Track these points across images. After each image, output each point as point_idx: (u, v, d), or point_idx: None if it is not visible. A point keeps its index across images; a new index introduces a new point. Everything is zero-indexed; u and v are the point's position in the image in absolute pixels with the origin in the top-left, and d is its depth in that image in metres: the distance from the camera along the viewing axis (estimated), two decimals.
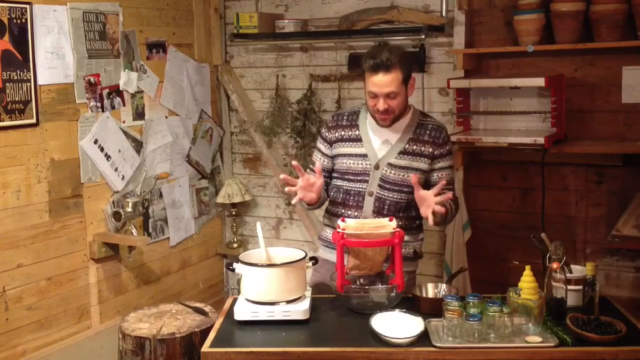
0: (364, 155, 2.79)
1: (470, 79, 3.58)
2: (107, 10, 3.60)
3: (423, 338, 2.27)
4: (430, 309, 2.45)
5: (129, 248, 3.72)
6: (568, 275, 2.46)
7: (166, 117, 4.06)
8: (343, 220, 2.59)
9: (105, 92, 3.62)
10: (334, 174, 2.89)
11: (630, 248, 3.40)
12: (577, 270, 2.56)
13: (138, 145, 3.84)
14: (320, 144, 2.94)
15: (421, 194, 2.61)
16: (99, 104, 3.58)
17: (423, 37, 3.78)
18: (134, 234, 3.72)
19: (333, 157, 2.88)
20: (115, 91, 3.69)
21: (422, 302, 2.53)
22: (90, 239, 3.58)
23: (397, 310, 2.44)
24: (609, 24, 3.31)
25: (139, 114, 3.86)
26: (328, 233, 2.91)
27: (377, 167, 2.78)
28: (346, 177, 2.83)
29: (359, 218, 2.77)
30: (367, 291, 2.55)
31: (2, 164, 3.13)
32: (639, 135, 3.45)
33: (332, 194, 2.91)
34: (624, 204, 3.34)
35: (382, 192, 2.78)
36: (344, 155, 2.83)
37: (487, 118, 3.69)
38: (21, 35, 3.15)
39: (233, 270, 2.55)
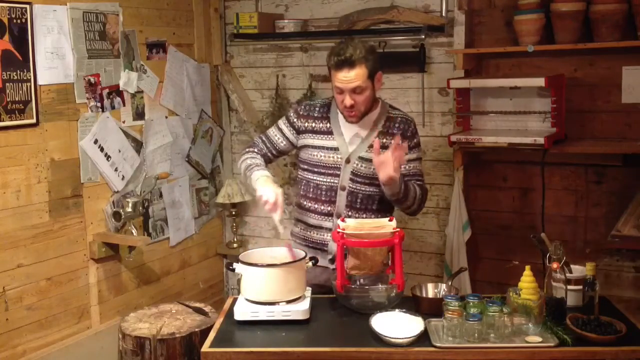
0: (335, 149, 2.80)
1: (470, 79, 3.58)
2: (107, 10, 3.60)
3: (423, 338, 2.27)
4: (430, 309, 2.45)
5: (129, 248, 3.72)
6: (568, 275, 2.46)
7: (166, 117, 4.06)
8: (343, 220, 2.59)
9: (105, 92, 3.62)
10: (302, 166, 2.90)
11: (630, 248, 3.39)
12: (577, 270, 2.56)
13: (138, 145, 3.84)
14: (284, 126, 2.92)
15: (380, 157, 2.60)
16: (99, 104, 3.58)
17: (423, 37, 3.78)
18: (134, 234, 3.72)
19: (297, 146, 2.89)
20: (115, 91, 3.69)
21: (422, 302, 2.53)
22: (90, 239, 3.58)
23: (397, 310, 2.44)
24: (609, 24, 3.31)
25: (139, 114, 3.86)
26: (299, 229, 2.93)
27: (348, 160, 2.79)
28: (316, 170, 2.84)
29: (331, 213, 2.80)
30: (367, 291, 2.55)
31: (2, 164, 3.13)
32: (639, 135, 3.45)
33: (301, 187, 2.91)
34: (624, 204, 3.34)
35: (354, 186, 2.79)
36: (315, 147, 2.84)
37: (487, 118, 3.69)
38: (21, 35, 3.15)
39: (233, 270, 2.55)
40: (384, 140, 2.77)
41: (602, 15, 3.31)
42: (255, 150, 2.96)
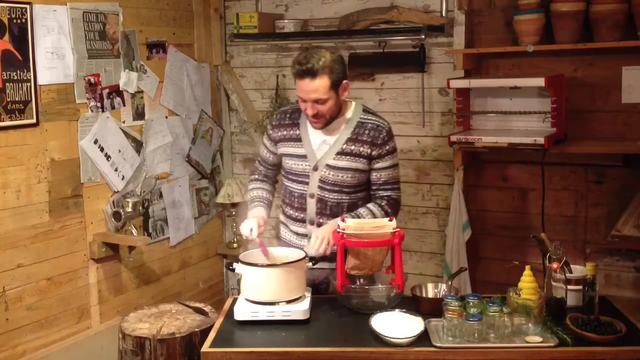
0: (304, 156, 2.77)
1: (470, 79, 3.58)
2: (107, 10, 3.60)
3: (423, 338, 2.27)
4: (430, 309, 2.45)
5: (129, 248, 3.72)
6: (568, 275, 2.46)
7: (166, 117, 4.06)
8: (343, 220, 2.59)
9: (105, 92, 3.62)
10: (282, 172, 2.91)
11: (630, 248, 3.40)
12: (577, 270, 2.56)
13: (138, 145, 3.84)
14: (266, 140, 2.93)
15: (317, 232, 2.65)
16: (99, 104, 3.58)
17: (423, 37, 3.78)
18: (134, 234, 3.72)
19: (279, 155, 2.89)
20: (115, 91, 3.69)
21: (422, 302, 2.53)
22: (90, 239, 3.58)
23: (397, 310, 2.44)
24: (609, 24, 3.31)
25: (139, 114, 3.86)
26: (284, 233, 2.93)
27: (315, 168, 2.75)
28: (290, 177, 2.84)
29: (304, 220, 2.79)
30: (367, 291, 2.55)
31: (2, 164, 3.13)
32: (639, 135, 3.45)
33: (282, 193, 2.93)
34: (624, 204, 3.34)
35: (322, 194, 2.76)
36: (286, 155, 2.83)
37: (487, 118, 3.69)
38: (21, 35, 3.15)
39: (233, 270, 2.55)
40: (353, 147, 2.73)
41: (602, 15, 3.31)
42: (257, 175, 3.00)
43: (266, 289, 2.48)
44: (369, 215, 2.71)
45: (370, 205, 2.76)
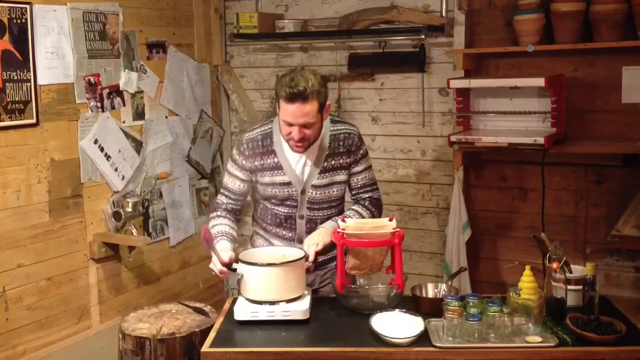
0: (288, 183, 2.71)
1: (470, 79, 3.58)
2: (107, 10, 3.60)
3: (423, 338, 2.27)
4: (430, 309, 2.45)
5: (129, 248, 3.72)
6: (568, 275, 2.46)
7: (166, 117, 4.06)
8: (343, 220, 2.59)
9: (105, 92, 3.62)
10: (258, 195, 2.81)
11: (630, 248, 3.40)
12: (577, 270, 2.56)
13: (138, 145, 3.84)
14: (237, 171, 2.77)
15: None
16: (99, 104, 3.58)
17: (423, 37, 3.78)
18: (134, 234, 3.72)
19: (253, 181, 2.78)
20: (115, 91, 3.69)
21: (422, 302, 2.53)
22: (90, 239, 3.58)
23: (397, 310, 2.44)
24: (609, 24, 3.31)
25: (139, 114, 3.86)
26: (260, 242, 2.89)
27: (303, 191, 2.73)
28: (273, 201, 2.77)
29: (293, 239, 2.78)
30: (367, 291, 2.55)
31: (2, 164, 3.13)
32: (639, 135, 3.45)
33: (259, 212, 2.85)
34: (624, 204, 3.34)
35: (311, 214, 2.76)
36: (267, 184, 2.73)
37: (487, 118, 3.69)
38: (21, 35, 3.15)
39: (234, 270, 2.55)
40: (333, 162, 2.72)
41: (602, 15, 3.31)
42: (219, 212, 2.83)
43: (266, 288, 2.47)
44: (357, 217, 2.74)
45: (356, 207, 2.81)
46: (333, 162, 2.73)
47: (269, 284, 2.47)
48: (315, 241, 2.64)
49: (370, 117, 4.10)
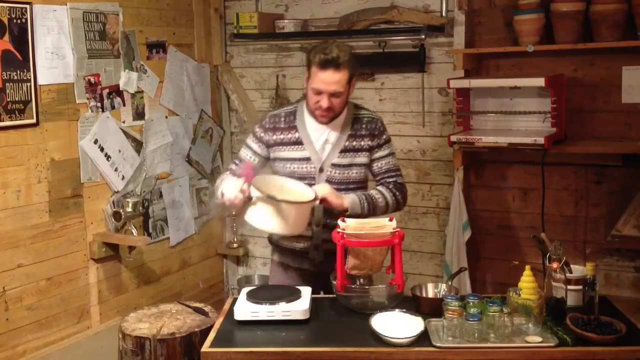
0: (307, 159, 2.75)
1: (470, 79, 3.58)
2: (107, 10, 3.60)
3: (423, 338, 2.27)
4: (430, 309, 2.45)
5: (129, 248, 3.72)
6: (568, 275, 2.46)
7: (166, 117, 4.06)
8: (343, 220, 2.59)
9: (105, 92, 3.62)
10: (277, 173, 2.83)
11: (630, 248, 3.40)
12: (577, 270, 2.56)
13: (138, 145, 3.84)
14: (253, 143, 2.85)
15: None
16: (99, 104, 3.58)
17: (423, 37, 3.78)
18: (134, 234, 3.72)
19: (269, 159, 2.83)
20: (115, 91, 3.69)
21: (422, 302, 2.53)
22: (90, 239, 3.58)
23: (397, 310, 2.44)
24: (609, 24, 3.31)
25: (139, 114, 3.86)
26: (278, 237, 2.89)
27: (321, 169, 2.75)
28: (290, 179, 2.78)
29: (309, 222, 2.75)
30: (367, 291, 2.55)
31: (2, 164, 3.13)
32: (639, 135, 3.45)
33: None
34: (624, 204, 3.34)
35: None
36: (286, 159, 2.77)
37: (487, 118, 3.69)
38: (21, 35, 3.15)
39: (250, 199, 2.53)
40: (354, 143, 2.75)
41: (602, 15, 3.31)
42: (228, 173, 2.85)
43: (268, 220, 2.52)
44: (379, 196, 2.75)
45: (380, 187, 2.81)
46: (354, 143, 2.76)
47: (271, 216, 2.51)
48: (330, 190, 2.63)
49: None
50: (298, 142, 2.76)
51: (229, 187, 2.59)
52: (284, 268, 2.92)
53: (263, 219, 2.55)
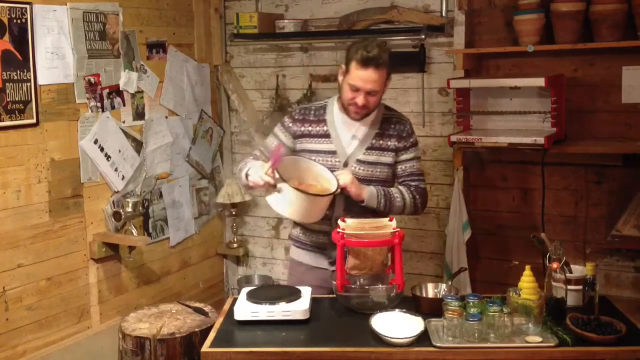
0: (333, 152, 2.77)
1: (470, 79, 3.58)
2: (107, 10, 3.60)
3: (423, 338, 2.27)
4: (430, 309, 2.45)
5: (129, 248, 3.72)
6: (568, 275, 2.46)
7: (166, 117, 4.06)
8: (343, 220, 2.59)
9: (105, 92, 3.62)
10: None
11: (630, 248, 3.40)
12: (577, 270, 2.56)
13: (138, 145, 3.84)
14: (281, 132, 2.87)
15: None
16: (99, 104, 3.58)
17: (423, 37, 3.78)
18: (134, 234, 3.72)
19: (295, 150, 2.85)
20: (116, 91, 3.69)
21: (422, 302, 2.53)
22: (90, 239, 3.58)
23: (397, 310, 2.44)
24: (609, 24, 3.31)
25: (139, 114, 3.86)
26: (299, 231, 2.92)
27: (345, 164, 2.76)
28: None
29: (329, 217, 2.76)
30: (367, 291, 2.55)
31: (2, 164, 3.13)
32: (639, 135, 3.45)
33: None
34: (624, 204, 3.34)
35: None
36: (312, 151, 2.80)
37: (487, 118, 3.69)
38: (21, 35, 3.15)
39: (274, 186, 2.57)
40: (381, 142, 2.77)
41: (602, 15, 3.31)
42: (252, 158, 2.88)
43: (290, 209, 2.59)
44: (399, 195, 2.75)
45: (401, 187, 2.81)
46: (381, 142, 2.77)
47: (293, 205, 2.58)
48: (351, 179, 2.66)
49: None
50: (325, 135, 2.79)
51: (255, 170, 2.63)
52: (302, 267, 2.92)
53: (283, 206, 2.60)
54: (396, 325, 2.32)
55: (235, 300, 2.61)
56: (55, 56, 3.32)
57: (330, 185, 2.65)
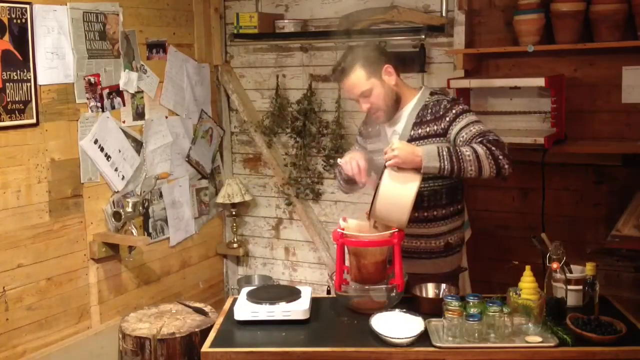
0: (381, 151, 2.72)
1: (470, 79, 3.58)
2: (107, 10, 3.60)
3: (423, 338, 2.27)
4: (430, 309, 2.45)
5: (129, 248, 3.72)
6: (568, 275, 2.46)
7: (166, 117, 4.06)
8: (344, 220, 2.59)
9: (105, 92, 3.62)
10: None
11: (630, 248, 3.40)
12: (577, 270, 2.56)
13: (138, 145, 3.84)
14: (358, 136, 2.98)
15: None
16: (99, 104, 3.58)
17: (423, 37, 3.78)
18: (134, 234, 3.72)
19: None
20: (115, 91, 3.69)
21: (422, 302, 2.53)
22: (90, 239, 3.58)
23: (397, 310, 2.44)
24: (609, 24, 3.31)
25: (139, 114, 3.86)
26: None
27: None
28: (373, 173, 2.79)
29: None
30: (367, 291, 2.55)
31: (2, 164, 3.13)
32: (639, 135, 3.45)
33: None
34: (624, 204, 3.34)
35: None
36: (369, 151, 2.83)
37: (487, 118, 3.69)
38: (21, 35, 3.15)
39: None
40: (420, 131, 2.66)
41: (602, 15, 3.31)
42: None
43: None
44: (467, 148, 2.49)
45: (473, 144, 2.54)
46: (420, 131, 2.66)
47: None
48: (400, 148, 2.47)
49: None
50: (376, 135, 2.82)
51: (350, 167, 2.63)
52: None
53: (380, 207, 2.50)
54: (396, 325, 2.32)
55: (235, 300, 2.61)
56: (55, 56, 3.32)
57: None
